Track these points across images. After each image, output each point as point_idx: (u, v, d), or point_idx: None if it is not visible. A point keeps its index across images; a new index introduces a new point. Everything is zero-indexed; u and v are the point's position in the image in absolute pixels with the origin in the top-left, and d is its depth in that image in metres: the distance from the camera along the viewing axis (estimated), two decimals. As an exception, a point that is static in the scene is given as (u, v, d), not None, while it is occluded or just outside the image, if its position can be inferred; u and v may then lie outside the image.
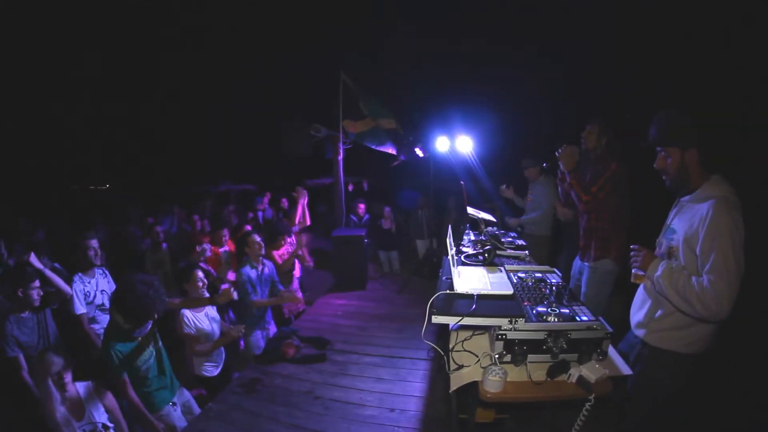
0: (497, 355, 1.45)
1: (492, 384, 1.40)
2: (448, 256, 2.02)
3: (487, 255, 2.09)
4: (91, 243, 2.90)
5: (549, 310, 1.50)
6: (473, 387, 1.50)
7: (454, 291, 1.63)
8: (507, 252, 2.45)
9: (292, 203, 4.74)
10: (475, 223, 2.87)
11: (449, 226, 2.38)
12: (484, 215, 2.80)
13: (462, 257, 2.15)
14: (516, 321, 1.41)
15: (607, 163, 2.59)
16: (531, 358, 1.45)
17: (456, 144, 4.64)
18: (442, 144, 4.79)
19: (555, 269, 2.04)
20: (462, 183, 2.96)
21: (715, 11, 4.20)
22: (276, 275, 3.60)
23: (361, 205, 6.02)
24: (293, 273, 4.03)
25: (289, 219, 4.39)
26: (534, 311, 1.50)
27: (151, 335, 2.28)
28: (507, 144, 6.82)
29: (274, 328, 3.59)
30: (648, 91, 5.09)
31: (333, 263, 5.29)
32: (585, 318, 1.46)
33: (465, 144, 4.58)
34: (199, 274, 2.75)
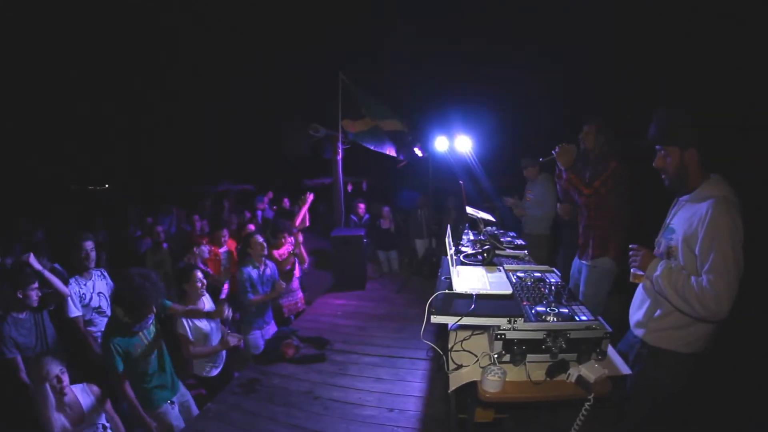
0: (496, 355, 1.44)
1: (491, 384, 1.40)
2: (447, 255, 2.01)
3: (486, 255, 2.09)
4: (86, 245, 2.85)
5: (548, 309, 1.49)
6: (472, 387, 1.49)
7: (452, 291, 1.63)
8: (506, 251, 2.45)
9: (293, 203, 4.73)
10: (474, 223, 2.86)
11: (448, 225, 2.37)
12: (483, 215, 2.79)
13: (461, 257, 2.15)
14: (515, 321, 1.41)
15: (607, 163, 2.59)
16: (530, 357, 1.45)
17: (455, 144, 4.63)
18: (441, 144, 4.78)
19: (554, 269, 2.04)
20: (461, 183, 2.96)
21: (715, 11, 4.21)
22: (277, 275, 3.60)
23: (361, 205, 6.01)
24: (293, 273, 4.03)
25: (291, 220, 4.39)
26: (533, 311, 1.49)
27: (153, 332, 2.28)
28: (506, 144, 6.83)
29: (274, 327, 3.58)
30: (648, 91, 5.10)
31: (332, 263, 5.29)
32: (584, 318, 1.45)
33: (464, 144, 4.58)
34: (198, 274, 2.74)
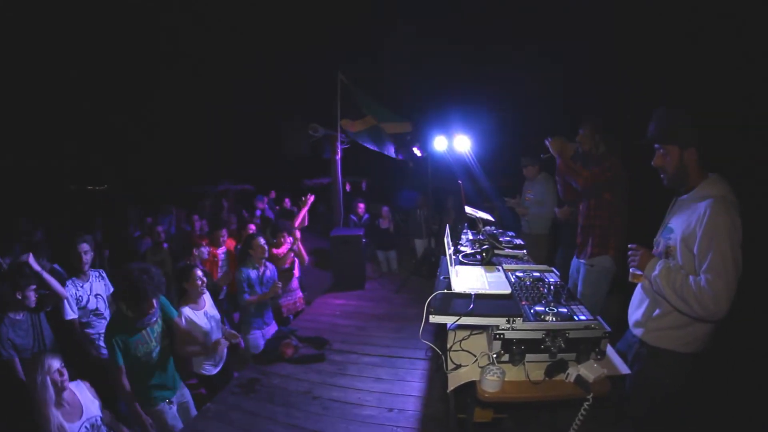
0: (495, 355, 1.44)
1: (490, 384, 1.40)
2: (446, 255, 2.01)
3: (485, 254, 2.08)
4: (81, 247, 2.83)
5: (547, 309, 1.49)
6: (471, 386, 1.49)
7: (451, 290, 1.62)
8: (505, 251, 2.44)
9: (294, 203, 4.73)
10: (473, 223, 2.86)
11: (447, 225, 2.37)
12: (482, 215, 2.79)
13: (460, 256, 2.15)
14: (514, 320, 1.40)
15: (606, 161, 2.61)
16: (529, 357, 1.44)
17: (454, 143, 4.62)
18: (440, 143, 4.77)
19: (553, 268, 2.04)
20: (460, 182, 2.96)
21: (715, 11, 4.21)
22: (276, 276, 3.60)
23: (361, 205, 6.01)
24: (293, 272, 4.02)
25: (291, 220, 4.39)
26: (532, 310, 1.49)
27: (158, 331, 2.29)
28: (506, 143, 6.82)
29: (274, 328, 3.58)
30: (648, 91, 5.09)
31: (331, 263, 5.28)
32: (583, 317, 1.45)
33: (463, 143, 4.57)
34: (199, 273, 2.74)
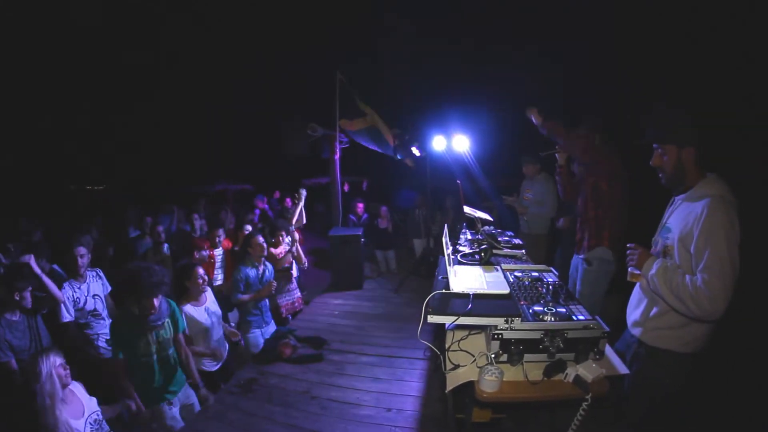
0: (493, 355, 1.44)
1: (488, 384, 1.39)
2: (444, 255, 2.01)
3: (484, 254, 2.08)
4: (78, 251, 2.83)
5: (545, 309, 1.48)
6: (470, 386, 1.49)
7: (449, 290, 1.62)
8: (504, 251, 2.44)
9: (295, 203, 4.72)
10: (472, 222, 2.86)
11: (445, 225, 2.37)
12: (480, 214, 2.79)
13: (458, 256, 2.15)
14: (512, 320, 1.40)
15: (603, 160, 2.62)
16: (527, 357, 1.44)
17: (453, 143, 4.62)
18: (439, 143, 4.76)
19: (551, 268, 2.04)
20: (459, 182, 2.95)
21: (715, 11, 4.20)
22: (273, 275, 3.58)
23: (360, 205, 6.00)
24: (291, 272, 4.01)
25: (288, 219, 4.38)
26: (530, 310, 1.49)
27: (163, 335, 2.30)
28: (505, 143, 6.81)
29: (273, 327, 3.57)
30: (648, 91, 5.09)
31: (330, 263, 5.28)
32: (581, 317, 1.45)
33: (462, 143, 4.56)
34: (200, 271, 2.76)
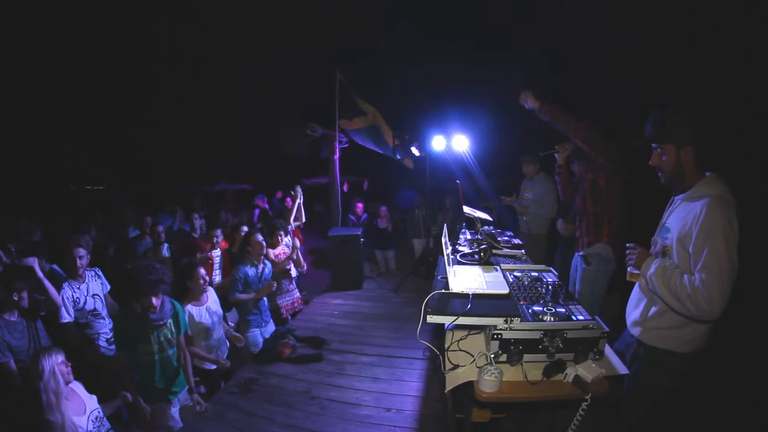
0: (493, 355, 1.44)
1: (487, 384, 1.39)
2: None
3: (483, 254, 2.08)
4: (77, 252, 2.83)
5: (545, 309, 1.48)
6: (470, 386, 1.49)
7: (449, 290, 1.62)
8: (503, 251, 2.44)
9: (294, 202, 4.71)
10: (472, 222, 2.86)
11: (444, 225, 2.37)
12: (480, 214, 2.79)
13: (458, 256, 2.14)
14: (511, 320, 1.40)
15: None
16: (527, 357, 1.44)
17: (452, 143, 4.61)
18: (438, 143, 4.76)
19: (551, 268, 2.04)
20: (458, 182, 2.95)
21: (715, 11, 4.21)
22: (270, 275, 3.57)
23: (359, 204, 6.00)
24: (289, 272, 4.00)
25: (286, 218, 4.37)
26: (530, 310, 1.49)
27: (165, 335, 2.31)
28: (504, 143, 6.82)
29: (273, 326, 3.57)
30: (648, 91, 5.09)
31: (329, 263, 5.27)
32: (581, 317, 1.45)
33: (461, 143, 4.56)
34: (201, 271, 2.77)
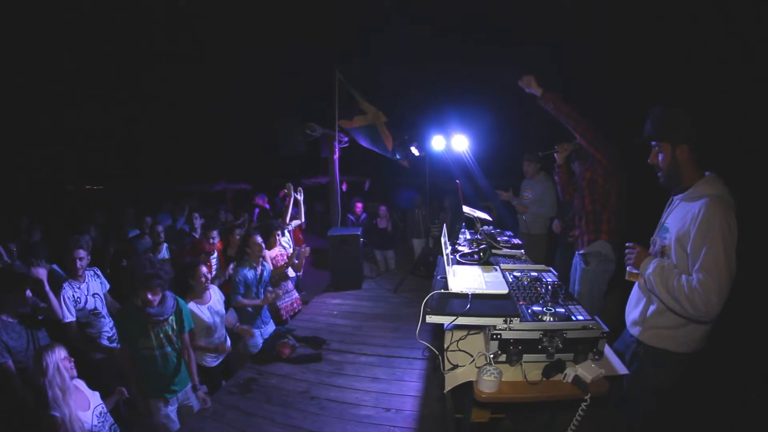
0: (492, 355, 1.43)
1: (487, 384, 1.39)
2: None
3: (483, 254, 2.08)
4: (77, 253, 2.82)
5: (544, 309, 1.48)
6: (469, 386, 1.48)
7: (448, 290, 1.62)
8: (503, 251, 2.44)
9: (295, 203, 4.70)
10: (471, 222, 2.86)
11: (444, 225, 2.37)
12: (479, 214, 2.79)
13: (457, 256, 2.14)
14: (511, 320, 1.40)
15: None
16: (526, 357, 1.44)
17: (452, 143, 4.61)
18: (437, 143, 4.75)
19: (551, 268, 2.04)
20: (458, 182, 2.95)
21: (715, 11, 4.22)
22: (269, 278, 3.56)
23: (359, 204, 6.00)
24: (286, 273, 3.99)
25: (282, 218, 4.36)
26: (529, 310, 1.48)
27: (165, 331, 2.31)
28: (504, 143, 6.82)
29: (272, 327, 3.56)
30: (648, 91, 5.11)
31: (329, 262, 5.27)
32: (580, 317, 1.44)
33: (461, 143, 4.56)
34: (203, 269, 2.78)
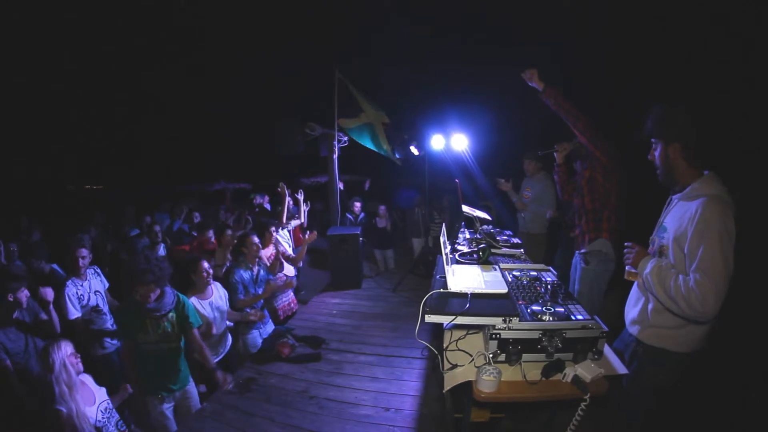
0: (491, 355, 1.43)
1: (486, 384, 1.39)
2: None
3: (482, 253, 2.08)
4: (80, 252, 2.86)
5: (544, 308, 1.48)
6: (468, 386, 1.48)
7: (447, 290, 1.62)
8: (502, 250, 2.44)
9: (295, 203, 4.69)
10: (471, 222, 2.86)
11: (443, 224, 2.37)
12: (479, 213, 2.78)
13: (456, 255, 2.14)
14: (510, 320, 1.40)
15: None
16: (526, 357, 1.44)
17: (451, 142, 4.61)
18: (437, 142, 4.75)
19: (550, 267, 2.03)
20: (457, 181, 2.95)
21: (714, 11, 4.22)
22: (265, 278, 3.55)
23: (357, 204, 5.99)
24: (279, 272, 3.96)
25: (278, 217, 4.34)
26: (529, 310, 1.48)
27: (164, 325, 2.31)
28: (504, 142, 6.82)
29: (272, 326, 3.56)
30: (647, 91, 5.11)
31: (328, 262, 5.26)
32: (580, 317, 1.44)
33: (460, 142, 4.55)
34: (205, 265, 2.78)
